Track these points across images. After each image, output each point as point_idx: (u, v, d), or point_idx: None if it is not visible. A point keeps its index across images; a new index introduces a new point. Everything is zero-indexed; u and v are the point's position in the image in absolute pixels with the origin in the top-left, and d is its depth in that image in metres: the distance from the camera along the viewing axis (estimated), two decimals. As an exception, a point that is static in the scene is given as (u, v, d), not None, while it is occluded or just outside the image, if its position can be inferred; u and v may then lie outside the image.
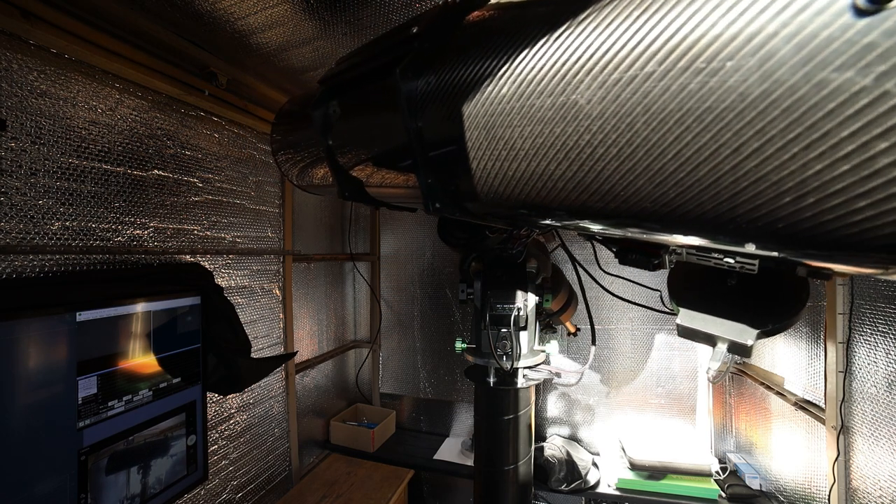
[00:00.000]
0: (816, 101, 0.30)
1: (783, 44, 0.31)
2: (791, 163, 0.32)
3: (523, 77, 0.48)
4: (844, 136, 0.29)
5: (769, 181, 0.34)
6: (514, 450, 0.94)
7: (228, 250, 1.58)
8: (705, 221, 0.40)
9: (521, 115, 0.49)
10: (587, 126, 0.43)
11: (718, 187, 0.37)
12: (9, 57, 0.95)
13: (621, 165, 0.42)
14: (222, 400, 1.55)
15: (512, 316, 0.90)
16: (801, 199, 0.33)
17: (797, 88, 0.31)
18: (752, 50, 0.32)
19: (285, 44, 1.34)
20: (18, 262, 0.96)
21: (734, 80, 0.33)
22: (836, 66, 0.29)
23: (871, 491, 1.17)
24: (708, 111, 0.35)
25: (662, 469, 1.73)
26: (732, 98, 0.34)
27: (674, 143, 0.38)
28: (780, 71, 0.31)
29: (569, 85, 0.44)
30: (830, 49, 0.29)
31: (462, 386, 2.35)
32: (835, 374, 1.28)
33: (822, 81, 0.30)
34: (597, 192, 0.46)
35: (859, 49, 0.28)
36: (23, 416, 0.88)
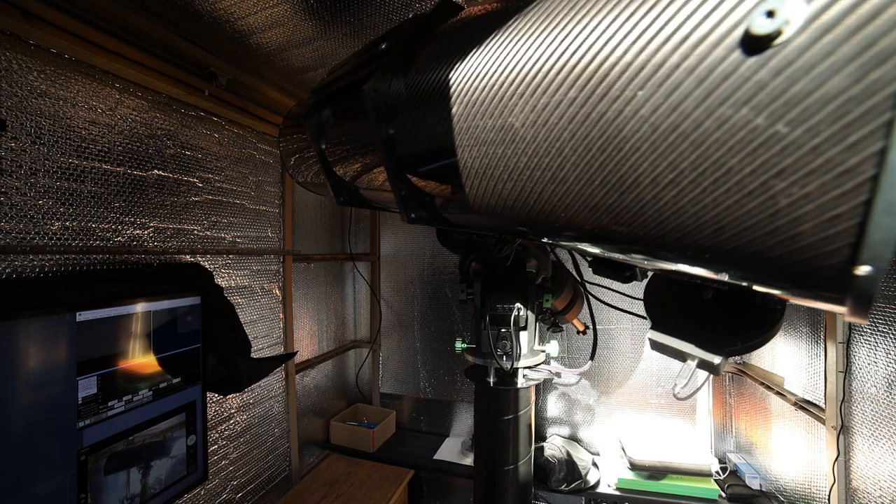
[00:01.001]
0: (718, 136, 0.30)
1: (685, 76, 0.31)
2: (703, 196, 0.32)
3: (469, 98, 0.49)
4: (746, 173, 0.29)
5: (687, 212, 0.34)
6: (514, 450, 0.94)
7: (228, 250, 1.58)
8: (641, 245, 0.40)
9: (468, 135, 0.50)
10: (523, 149, 0.44)
11: (644, 215, 0.37)
12: (9, 57, 0.95)
13: (557, 188, 0.43)
14: (222, 400, 1.55)
15: (512, 316, 0.90)
16: (719, 232, 0.33)
17: (701, 122, 0.31)
18: (658, 80, 0.32)
19: (285, 44, 1.34)
20: (18, 262, 0.96)
21: (645, 110, 0.33)
22: (732, 101, 0.29)
23: (871, 491, 1.17)
24: (624, 140, 0.35)
25: (662, 469, 1.73)
26: (645, 128, 0.34)
27: (598, 170, 0.38)
28: (685, 103, 0.31)
29: (506, 108, 0.44)
30: (726, 84, 0.29)
31: (462, 386, 2.35)
32: (835, 374, 1.28)
33: (722, 117, 0.30)
34: (541, 213, 0.47)
35: (751, 86, 0.28)
36: (23, 415, 0.88)
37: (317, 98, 0.81)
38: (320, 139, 0.82)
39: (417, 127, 0.58)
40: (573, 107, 0.38)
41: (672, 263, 0.42)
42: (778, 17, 0.26)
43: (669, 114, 0.32)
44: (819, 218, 0.27)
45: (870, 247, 0.25)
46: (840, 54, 0.25)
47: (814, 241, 0.27)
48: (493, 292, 0.94)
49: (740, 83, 0.28)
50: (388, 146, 0.62)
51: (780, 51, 0.26)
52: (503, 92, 0.45)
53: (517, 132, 0.44)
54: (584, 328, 1.31)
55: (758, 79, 0.28)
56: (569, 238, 0.49)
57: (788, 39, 0.26)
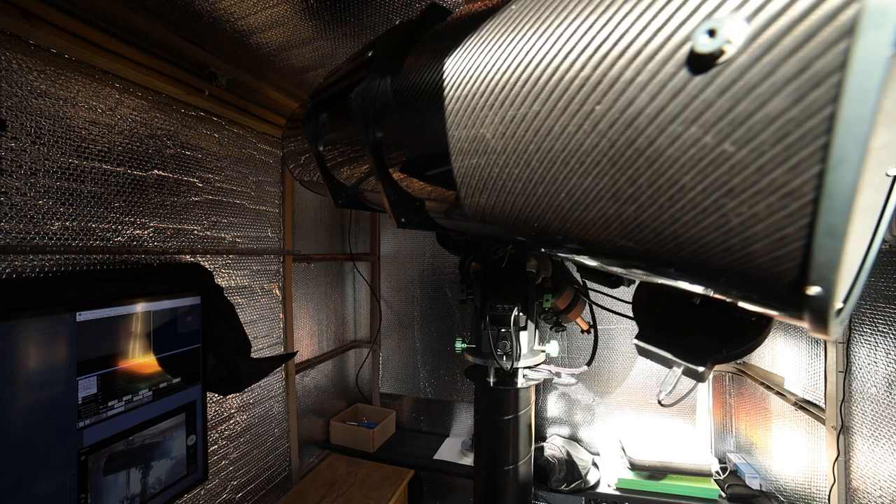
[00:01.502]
0: (671, 153, 0.30)
1: (638, 91, 0.31)
2: (661, 213, 0.32)
3: (445, 107, 0.49)
4: (699, 191, 0.29)
5: (648, 227, 0.34)
6: (514, 450, 0.94)
7: (228, 250, 1.58)
8: (609, 257, 0.41)
9: (446, 144, 0.50)
10: (494, 160, 0.44)
11: (609, 229, 0.37)
12: (9, 57, 0.95)
13: (527, 201, 0.43)
14: (222, 400, 1.55)
15: (512, 316, 0.90)
16: (678, 248, 0.33)
17: (654, 138, 0.31)
18: (614, 95, 0.32)
19: (285, 44, 1.34)
20: (18, 262, 0.96)
21: (603, 125, 0.33)
22: (682, 119, 0.29)
23: (871, 491, 1.17)
24: (585, 154, 0.35)
25: (662, 469, 1.73)
26: (603, 143, 0.34)
27: (563, 182, 0.38)
28: (638, 119, 0.31)
29: (477, 118, 0.45)
30: (676, 101, 0.29)
31: (462, 386, 2.35)
32: (835, 374, 1.28)
33: (673, 134, 0.30)
34: (515, 222, 0.48)
35: (699, 104, 0.28)
36: (23, 415, 0.88)
37: (313, 103, 0.83)
38: (317, 143, 0.84)
39: (401, 134, 0.59)
40: (537, 119, 0.39)
41: (644, 274, 0.42)
42: (719, 36, 0.26)
43: (625, 129, 0.32)
44: (769, 238, 0.27)
45: (816, 269, 0.25)
46: (779, 75, 0.25)
47: (766, 260, 0.28)
48: (493, 292, 0.94)
49: (688, 101, 0.28)
50: (376, 152, 0.63)
51: (724, 69, 0.26)
52: (475, 102, 0.45)
53: (489, 143, 0.44)
54: (588, 327, 1.31)
55: (704, 97, 0.28)
56: (544, 246, 0.50)
57: (731, 58, 0.26)
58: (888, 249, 1.12)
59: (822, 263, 0.25)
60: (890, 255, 1.13)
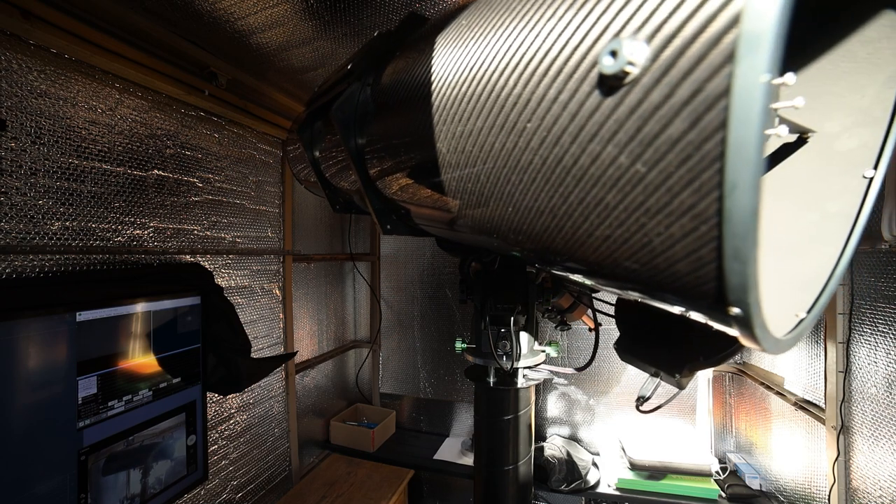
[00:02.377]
0: (593, 171, 0.30)
1: (560, 109, 0.31)
2: (593, 229, 0.33)
3: (408, 120, 0.51)
4: (621, 209, 0.30)
5: (584, 244, 0.34)
6: (514, 450, 0.94)
7: (228, 250, 1.58)
8: (561, 268, 0.42)
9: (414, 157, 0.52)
10: (451, 174, 0.46)
11: (554, 243, 0.38)
12: (9, 57, 0.95)
13: (483, 210, 0.45)
14: (222, 400, 1.55)
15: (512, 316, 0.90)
16: (615, 265, 0.33)
17: (577, 156, 0.31)
18: (541, 113, 0.33)
19: (285, 44, 1.34)
20: (18, 262, 0.96)
21: (534, 143, 0.34)
22: (599, 138, 0.29)
23: (871, 491, 1.17)
24: (523, 171, 0.36)
25: (662, 469, 1.73)
26: (536, 160, 0.34)
27: (508, 197, 0.40)
28: (563, 138, 0.32)
29: (431, 136, 0.47)
30: (593, 120, 0.29)
31: (462, 386, 2.35)
32: (835, 374, 1.28)
33: (592, 153, 0.30)
34: (476, 233, 0.49)
35: (612, 124, 0.28)
36: (23, 415, 0.88)
37: (308, 112, 0.84)
38: (313, 150, 0.86)
39: (380, 143, 0.60)
40: (481, 136, 0.40)
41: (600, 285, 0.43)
42: (620, 57, 0.26)
43: (552, 147, 0.33)
44: (688, 259, 0.27)
45: (731, 291, 0.25)
46: (677, 97, 0.25)
47: (690, 279, 0.28)
48: (494, 292, 0.94)
49: (603, 120, 0.29)
50: (358, 161, 0.65)
51: (631, 90, 0.27)
52: (432, 118, 0.47)
53: (444, 157, 0.46)
54: (595, 325, 1.31)
55: (616, 117, 0.28)
56: (508, 254, 0.51)
57: (636, 79, 0.26)
58: (888, 249, 1.12)
59: (735, 286, 0.25)
60: (890, 255, 1.13)
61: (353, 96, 0.63)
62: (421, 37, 0.57)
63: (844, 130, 0.46)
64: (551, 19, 0.33)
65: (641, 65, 0.26)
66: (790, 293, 0.44)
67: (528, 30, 0.35)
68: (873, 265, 1.19)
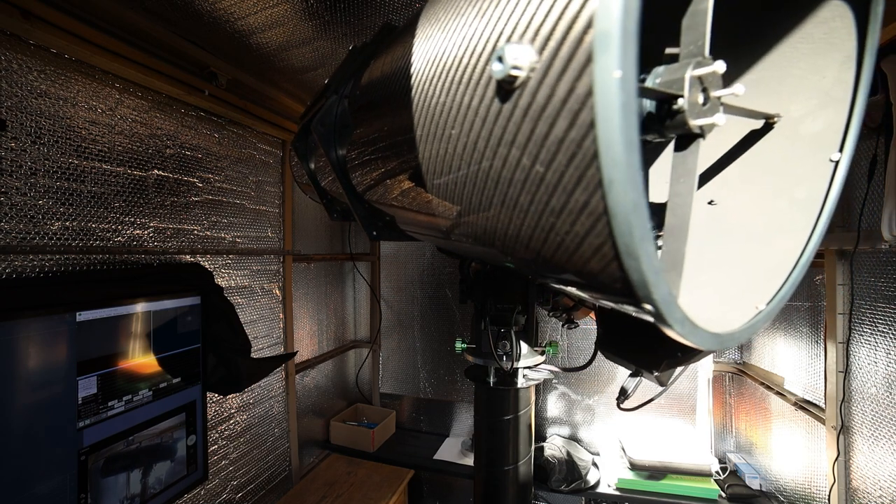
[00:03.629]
0: (505, 173, 0.31)
1: (473, 115, 0.32)
2: (517, 229, 0.33)
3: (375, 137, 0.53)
4: (534, 210, 0.30)
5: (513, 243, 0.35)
6: (514, 450, 0.94)
7: (228, 250, 1.58)
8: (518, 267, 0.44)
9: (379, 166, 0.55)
10: (412, 183, 0.49)
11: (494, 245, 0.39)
12: (9, 57, 0.95)
13: (441, 216, 0.47)
14: (222, 400, 1.55)
15: (512, 316, 0.90)
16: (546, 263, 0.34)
17: (491, 160, 0.32)
18: (460, 119, 0.34)
19: (285, 44, 1.34)
20: (18, 262, 0.96)
21: (459, 148, 0.35)
22: (505, 141, 0.30)
23: (871, 491, 1.17)
24: (455, 176, 0.38)
25: (662, 469, 1.73)
26: (462, 165, 0.36)
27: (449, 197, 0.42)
28: (479, 142, 0.32)
29: (393, 145, 0.49)
30: (498, 124, 0.30)
31: (462, 386, 2.35)
32: (835, 374, 1.28)
33: (501, 155, 0.31)
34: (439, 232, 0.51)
35: (512, 126, 0.29)
36: (23, 415, 0.88)
37: (301, 125, 0.86)
38: (308, 161, 0.88)
39: (355, 155, 0.62)
40: (423, 144, 0.41)
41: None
42: (506, 62, 0.26)
43: (472, 151, 0.34)
44: (596, 257, 0.27)
45: (637, 287, 0.25)
46: (557, 97, 0.25)
47: (604, 278, 0.28)
48: (493, 292, 0.94)
49: (505, 123, 0.29)
50: (341, 171, 0.66)
51: (522, 93, 0.27)
52: (391, 127, 0.48)
53: (403, 165, 0.48)
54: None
55: (514, 120, 0.28)
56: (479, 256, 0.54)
57: (524, 82, 0.27)
58: (888, 249, 1.12)
59: (637, 282, 0.25)
60: (890, 255, 1.13)
61: (331, 109, 0.65)
62: (384, 48, 0.59)
63: (809, 113, 0.47)
64: (463, 27, 0.34)
65: (527, 67, 0.26)
66: (752, 284, 0.44)
67: (446, 38, 0.36)
68: (873, 265, 1.19)
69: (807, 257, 0.43)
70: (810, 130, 0.46)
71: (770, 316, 0.40)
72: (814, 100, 0.46)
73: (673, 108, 0.38)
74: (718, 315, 0.40)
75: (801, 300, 1.50)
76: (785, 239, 0.45)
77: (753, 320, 0.39)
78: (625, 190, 0.22)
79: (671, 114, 0.38)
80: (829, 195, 0.44)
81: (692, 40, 0.38)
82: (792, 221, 0.45)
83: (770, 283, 0.43)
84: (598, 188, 0.24)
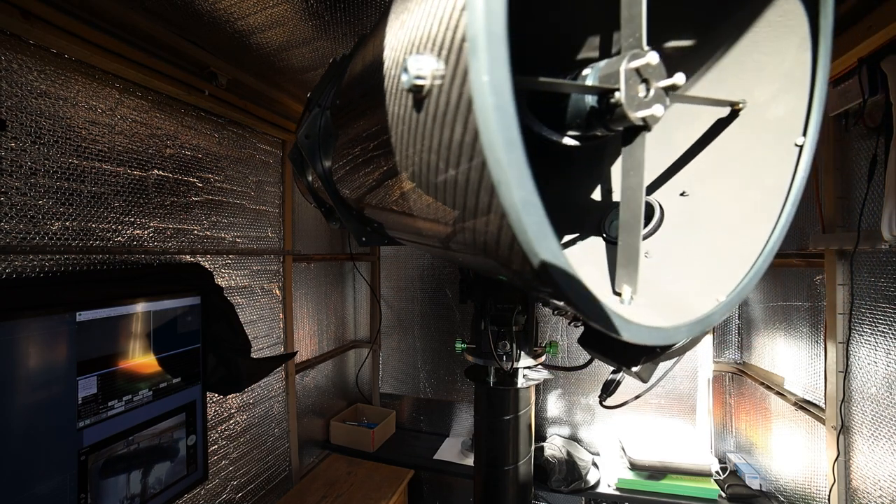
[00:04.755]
0: (432, 179, 0.32)
1: (402, 124, 0.34)
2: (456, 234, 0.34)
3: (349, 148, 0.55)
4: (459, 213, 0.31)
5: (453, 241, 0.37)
6: (514, 450, 0.94)
7: (228, 250, 1.58)
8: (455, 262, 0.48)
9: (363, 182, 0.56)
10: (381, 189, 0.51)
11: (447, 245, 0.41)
12: (9, 57, 0.95)
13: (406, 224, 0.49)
14: (222, 400, 1.55)
15: (512, 316, 0.90)
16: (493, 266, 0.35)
17: (420, 166, 0.33)
18: (395, 127, 0.36)
19: (285, 44, 1.34)
20: (18, 262, 0.96)
21: (398, 155, 0.37)
22: (426, 147, 0.31)
23: (871, 491, 1.17)
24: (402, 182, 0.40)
25: (662, 469, 1.73)
26: (405, 171, 0.38)
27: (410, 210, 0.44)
28: (410, 150, 0.34)
29: (361, 154, 0.50)
30: (419, 132, 0.31)
31: (462, 386, 2.34)
32: (835, 374, 1.28)
33: (424, 161, 0.32)
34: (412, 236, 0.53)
35: (427, 132, 0.30)
36: (23, 415, 0.88)
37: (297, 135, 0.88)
38: (304, 173, 0.89)
39: (337, 165, 0.64)
40: (378, 152, 0.43)
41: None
42: (409, 72, 0.27)
43: (406, 158, 0.35)
44: (513, 255, 0.27)
45: (552, 285, 0.26)
46: (452, 102, 0.26)
47: (527, 277, 0.28)
48: (493, 292, 0.94)
49: (423, 130, 0.30)
50: (327, 181, 0.68)
51: (430, 101, 0.28)
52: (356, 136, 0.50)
53: (372, 173, 0.49)
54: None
55: (428, 126, 0.29)
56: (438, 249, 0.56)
57: (430, 90, 0.28)
58: (888, 249, 1.12)
59: (550, 281, 0.26)
60: (890, 255, 1.13)
61: (315, 122, 0.67)
62: (355, 58, 0.61)
63: (772, 98, 0.47)
64: (391, 38, 0.36)
65: (431, 76, 0.27)
66: (719, 275, 0.44)
67: (383, 49, 0.38)
68: (873, 265, 1.19)
69: (771, 247, 0.43)
70: (775, 115, 0.47)
71: (730, 307, 0.40)
72: (776, 84, 0.47)
73: (611, 102, 0.38)
74: (683, 307, 0.40)
75: (801, 300, 1.50)
76: (753, 228, 0.45)
77: (710, 312, 0.39)
78: (510, 190, 0.23)
79: (610, 108, 0.38)
80: (794, 181, 0.44)
81: (630, 33, 0.39)
82: (761, 210, 0.46)
83: (735, 274, 0.43)
84: (493, 188, 0.25)
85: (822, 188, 1.33)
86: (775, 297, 1.65)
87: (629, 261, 0.39)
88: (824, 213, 1.32)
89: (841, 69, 1.17)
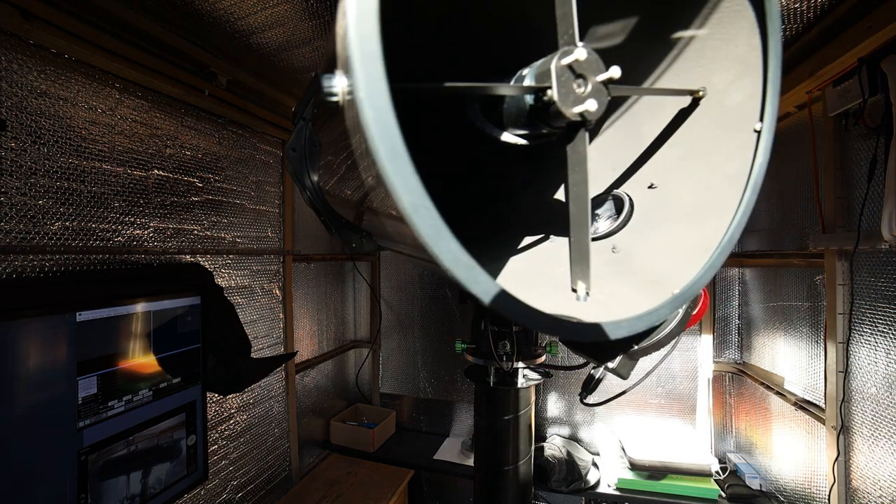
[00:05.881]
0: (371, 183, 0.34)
1: (344, 131, 0.35)
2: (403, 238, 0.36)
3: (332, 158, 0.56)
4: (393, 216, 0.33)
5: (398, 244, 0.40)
6: (514, 450, 0.94)
7: (228, 250, 1.58)
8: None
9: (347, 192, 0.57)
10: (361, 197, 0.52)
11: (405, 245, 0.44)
12: (9, 57, 0.95)
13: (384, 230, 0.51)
14: (222, 400, 1.55)
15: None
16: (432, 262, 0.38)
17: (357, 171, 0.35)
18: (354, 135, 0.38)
19: (285, 44, 1.33)
20: (18, 262, 0.96)
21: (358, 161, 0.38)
22: (359, 153, 0.32)
23: (871, 491, 1.17)
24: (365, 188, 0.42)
25: (662, 469, 1.73)
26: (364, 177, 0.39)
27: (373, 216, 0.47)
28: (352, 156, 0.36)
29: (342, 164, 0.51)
30: (348, 141, 0.33)
31: (462, 386, 2.34)
32: (835, 374, 1.28)
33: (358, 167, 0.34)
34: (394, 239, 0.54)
35: (351, 141, 0.32)
36: (23, 416, 0.88)
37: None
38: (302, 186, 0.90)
39: (324, 175, 0.65)
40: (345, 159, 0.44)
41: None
42: (325, 87, 0.30)
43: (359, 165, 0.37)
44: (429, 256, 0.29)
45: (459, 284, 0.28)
46: (351, 115, 0.28)
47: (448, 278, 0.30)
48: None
49: (347, 138, 0.32)
50: (315, 191, 0.70)
51: (345, 114, 0.31)
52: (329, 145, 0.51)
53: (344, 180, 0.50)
54: None
55: (348, 135, 0.31)
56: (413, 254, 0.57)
57: (344, 104, 0.30)
58: (888, 249, 1.12)
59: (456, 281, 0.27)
60: (890, 255, 1.13)
61: (300, 133, 0.69)
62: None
63: (730, 84, 0.47)
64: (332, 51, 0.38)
65: (343, 92, 0.29)
66: (679, 266, 0.44)
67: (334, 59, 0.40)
68: (873, 265, 1.19)
69: (730, 237, 0.43)
70: (734, 102, 0.47)
71: (682, 300, 0.40)
72: (732, 70, 0.47)
73: (544, 100, 0.38)
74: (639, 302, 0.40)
75: (801, 300, 1.50)
76: (716, 218, 0.45)
77: (658, 306, 0.39)
78: (400, 195, 0.25)
79: (545, 106, 0.38)
80: (753, 168, 0.44)
81: (564, 30, 0.39)
82: (724, 199, 0.46)
83: (694, 265, 0.43)
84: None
85: (822, 188, 1.33)
86: (775, 297, 1.65)
87: (581, 257, 0.38)
88: (824, 213, 1.32)
89: (841, 69, 1.17)
